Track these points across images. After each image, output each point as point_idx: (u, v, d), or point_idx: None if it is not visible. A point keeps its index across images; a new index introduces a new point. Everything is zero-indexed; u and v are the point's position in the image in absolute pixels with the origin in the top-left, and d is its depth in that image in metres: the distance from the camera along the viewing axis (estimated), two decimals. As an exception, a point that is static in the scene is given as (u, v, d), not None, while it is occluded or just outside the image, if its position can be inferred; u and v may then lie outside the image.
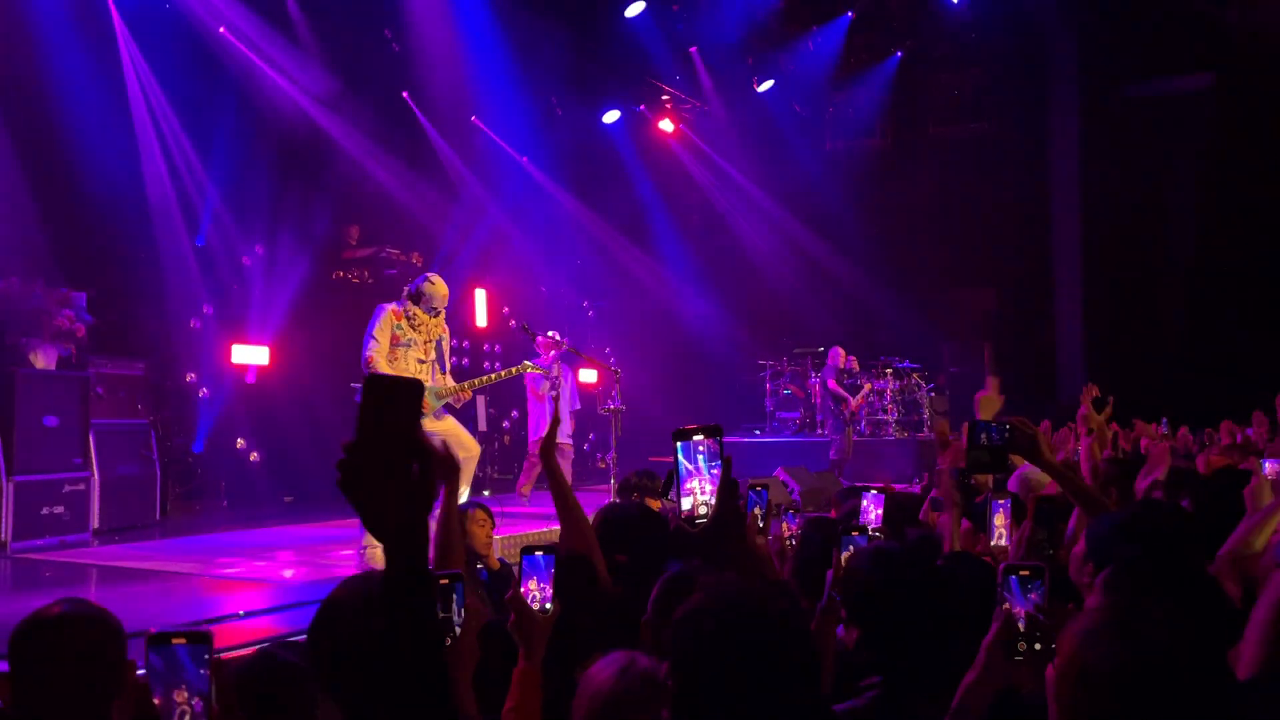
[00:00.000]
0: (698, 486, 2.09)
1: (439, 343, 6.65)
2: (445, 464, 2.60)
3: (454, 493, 2.67)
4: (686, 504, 2.09)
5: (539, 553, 2.22)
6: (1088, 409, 4.74)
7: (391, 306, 6.45)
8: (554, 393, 10.07)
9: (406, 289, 6.64)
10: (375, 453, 1.31)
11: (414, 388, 1.35)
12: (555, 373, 10.25)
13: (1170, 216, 16.39)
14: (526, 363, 7.84)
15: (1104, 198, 16.08)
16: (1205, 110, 15.64)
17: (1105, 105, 16.16)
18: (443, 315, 6.66)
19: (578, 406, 10.68)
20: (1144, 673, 1.47)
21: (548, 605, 2.19)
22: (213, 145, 10.19)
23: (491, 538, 5.05)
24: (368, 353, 6.28)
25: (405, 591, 1.31)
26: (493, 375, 7.20)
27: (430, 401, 6.51)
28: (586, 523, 2.97)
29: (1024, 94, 16.55)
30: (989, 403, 4.44)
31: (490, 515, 5.07)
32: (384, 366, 6.32)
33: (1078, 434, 4.79)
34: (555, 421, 3.22)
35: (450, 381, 6.75)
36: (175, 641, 1.75)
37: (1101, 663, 1.50)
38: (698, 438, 2.10)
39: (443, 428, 6.53)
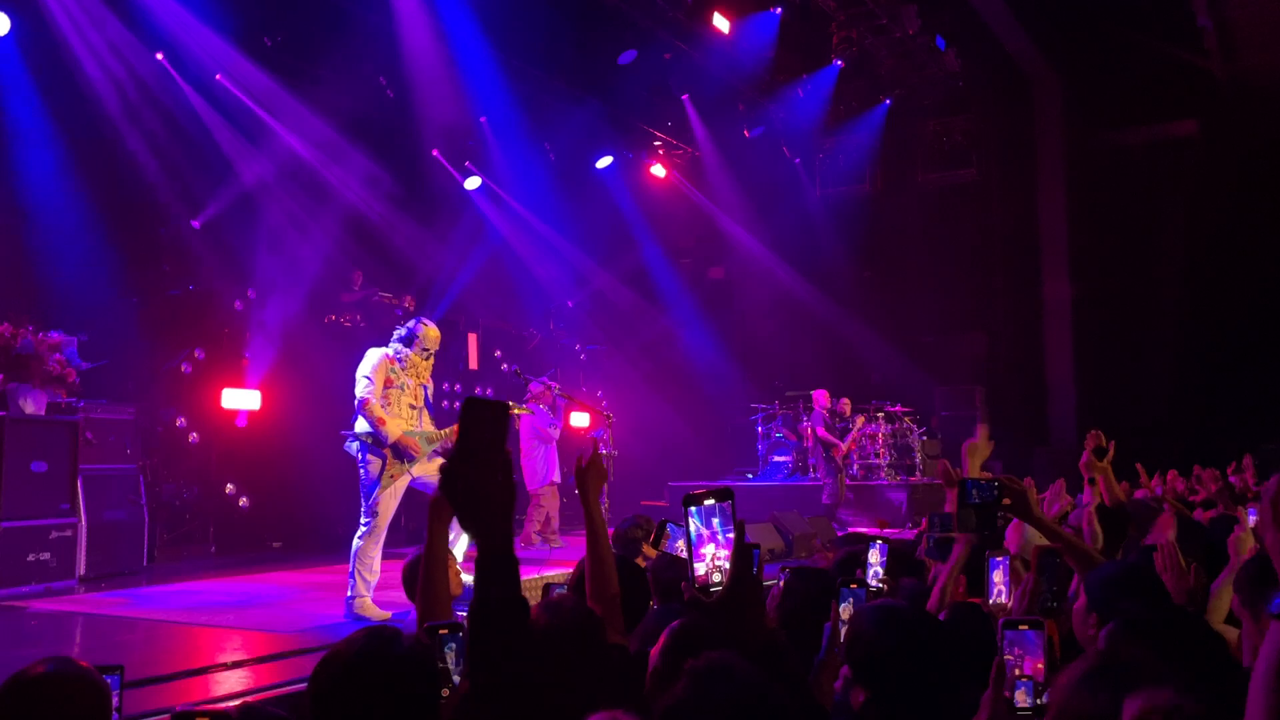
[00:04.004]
0: (711, 552, 2.03)
1: (426, 388, 6.64)
2: (436, 506, 2.59)
3: (443, 535, 2.63)
4: (700, 570, 2.02)
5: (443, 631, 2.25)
6: (1089, 456, 4.70)
7: (384, 351, 6.46)
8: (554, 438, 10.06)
9: (398, 333, 6.63)
10: (470, 461, 1.56)
11: (502, 409, 1.60)
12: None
13: (1157, 262, 16.55)
14: (516, 405, 7.78)
15: (1092, 243, 16.23)
16: (1190, 157, 15.85)
17: (1092, 152, 16.37)
18: (432, 359, 6.67)
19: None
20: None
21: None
22: (205, 188, 10.23)
23: None
24: (366, 394, 6.26)
25: (495, 574, 1.52)
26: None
27: (422, 446, 6.48)
28: (615, 573, 2.87)
29: (1012, 141, 16.76)
30: (977, 450, 4.44)
31: None
32: (378, 409, 6.31)
33: (1091, 479, 4.72)
34: (596, 461, 3.04)
35: (431, 427, 6.73)
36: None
37: (1085, 711, 1.50)
38: (709, 501, 2.04)
39: (435, 470, 6.49)
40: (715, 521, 2.05)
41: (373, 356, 6.40)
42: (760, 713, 1.55)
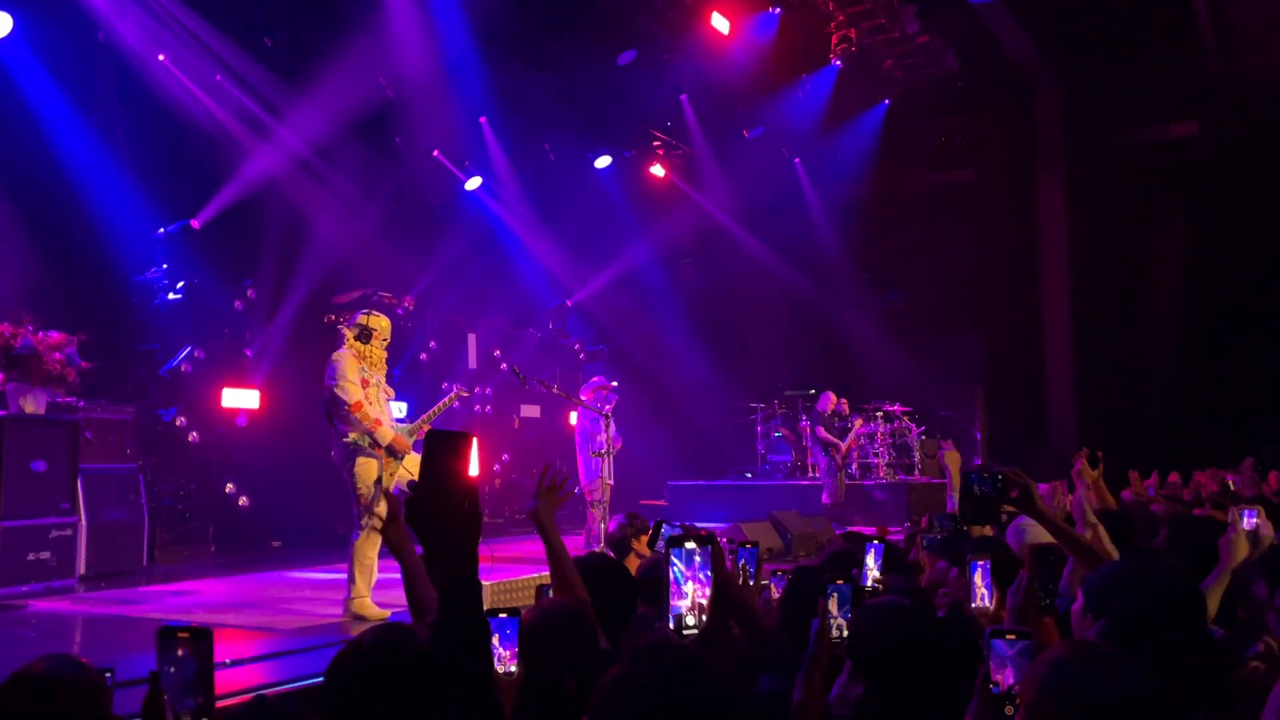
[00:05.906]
0: (692, 590, 2.10)
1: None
2: (393, 524, 2.60)
3: (410, 553, 2.64)
4: (680, 609, 2.08)
5: (502, 614, 2.19)
6: (1083, 464, 4.76)
7: (351, 353, 6.42)
8: (605, 443, 8.87)
9: (351, 332, 6.56)
10: (434, 493, 1.59)
11: (465, 440, 1.64)
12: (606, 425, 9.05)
13: (1157, 261, 16.57)
14: (459, 389, 7.62)
15: (1092, 244, 16.25)
16: (1190, 157, 15.86)
17: (1091, 153, 16.38)
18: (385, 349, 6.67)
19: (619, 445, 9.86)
20: (1096, 707, 1.51)
21: (512, 669, 2.17)
22: (205, 187, 10.23)
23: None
24: (357, 398, 6.24)
25: (460, 601, 1.55)
26: (439, 406, 7.05)
27: (409, 440, 6.49)
28: (579, 583, 2.88)
29: (1011, 142, 16.77)
30: (954, 459, 4.52)
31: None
32: (370, 411, 6.30)
33: (1072, 485, 4.79)
34: (542, 490, 3.09)
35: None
36: (180, 635, 2.00)
37: (1058, 697, 1.54)
38: (690, 545, 2.11)
39: (414, 467, 6.48)
40: (697, 561, 2.12)
41: (345, 361, 6.34)
42: (693, 688, 1.55)
